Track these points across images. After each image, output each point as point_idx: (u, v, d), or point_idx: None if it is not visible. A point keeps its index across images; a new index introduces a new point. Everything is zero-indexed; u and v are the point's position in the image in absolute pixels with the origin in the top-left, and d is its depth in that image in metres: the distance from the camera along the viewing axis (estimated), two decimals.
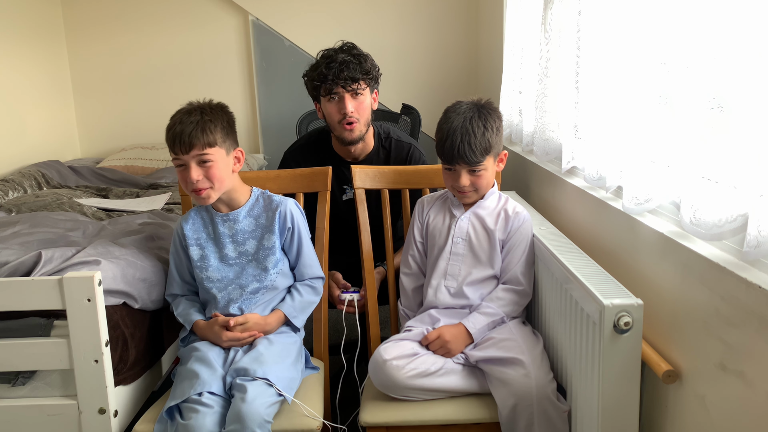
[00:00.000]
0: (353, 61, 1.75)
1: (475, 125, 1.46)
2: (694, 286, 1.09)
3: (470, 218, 1.55)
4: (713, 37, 1.03)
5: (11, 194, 2.54)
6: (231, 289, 1.51)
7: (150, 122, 3.56)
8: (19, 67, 3.06)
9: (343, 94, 1.78)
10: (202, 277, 1.53)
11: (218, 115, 1.46)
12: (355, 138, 1.83)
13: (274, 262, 1.53)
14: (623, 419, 1.16)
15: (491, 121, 1.48)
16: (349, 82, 1.76)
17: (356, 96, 1.79)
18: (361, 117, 1.81)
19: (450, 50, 3.48)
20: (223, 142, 1.45)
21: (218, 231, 1.53)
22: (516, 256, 1.53)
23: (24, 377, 1.41)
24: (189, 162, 1.42)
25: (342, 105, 1.78)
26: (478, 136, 1.45)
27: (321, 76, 1.76)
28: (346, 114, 1.78)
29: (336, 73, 1.74)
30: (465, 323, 1.46)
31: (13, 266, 1.43)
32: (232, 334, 1.45)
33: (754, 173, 0.92)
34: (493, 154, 1.50)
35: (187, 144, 1.40)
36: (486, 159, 1.48)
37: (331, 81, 1.75)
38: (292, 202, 1.59)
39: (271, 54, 3.47)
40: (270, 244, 1.53)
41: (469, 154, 1.45)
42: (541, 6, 1.91)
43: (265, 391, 1.31)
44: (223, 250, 1.53)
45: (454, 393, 1.41)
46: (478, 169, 1.48)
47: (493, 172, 1.53)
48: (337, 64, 1.74)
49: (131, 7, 3.48)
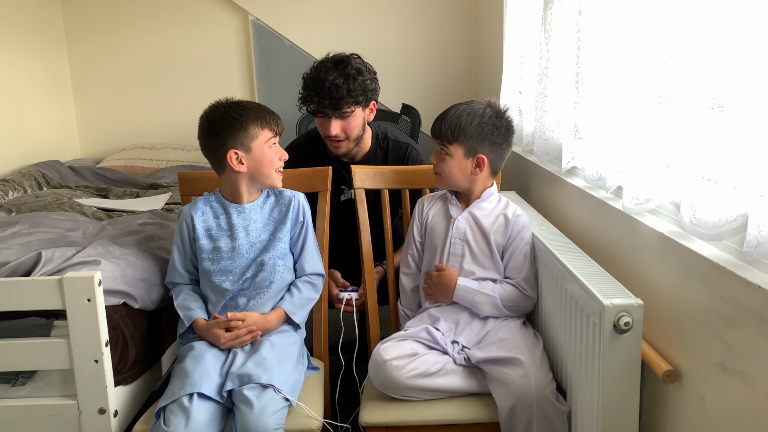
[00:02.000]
0: (342, 86, 1.71)
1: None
2: (694, 286, 1.09)
3: (467, 218, 1.55)
4: (713, 37, 1.03)
5: (11, 194, 2.54)
6: (242, 282, 1.50)
7: (150, 122, 3.56)
8: (19, 67, 3.06)
9: (329, 116, 1.76)
10: (213, 269, 1.50)
11: (232, 121, 1.51)
12: (341, 154, 1.85)
13: (283, 254, 1.53)
14: (623, 419, 1.16)
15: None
16: (332, 110, 1.74)
17: (344, 118, 1.77)
18: (350, 135, 1.80)
19: (450, 50, 3.48)
20: (232, 144, 1.50)
21: (232, 222, 1.52)
22: (518, 261, 1.53)
23: (24, 377, 1.41)
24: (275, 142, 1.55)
25: (327, 126, 1.77)
26: None
27: (308, 98, 1.75)
28: (329, 136, 1.79)
29: (321, 99, 1.72)
30: (459, 280, 1.52)
31: (13, 266, 1.43)
32: (230, 334, 1.44)
33: (754, 173, 0.92)
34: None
35: None
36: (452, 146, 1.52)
37: (317, 105, 1.74)
38: (303, 196, 1.60)
39: (271, 54, 3.47)
40: (282, 236, 1.54)
41: (441, 127, 1.53)
42: (541, 6, 1.91)
43: (272, 400, 1.30)
44: (236, 241, 1.51)
45: (454, 393, 1.41)
46: (446, 151, 1.53)
47: (465, 167, 1.54)
48: (326, 89, 1.71)
49: (131, 7, 3.48)
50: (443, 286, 1.52)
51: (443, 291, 1.52)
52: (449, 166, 1.52)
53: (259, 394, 1.30)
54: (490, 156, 1.51)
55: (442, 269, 1.53)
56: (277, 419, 1.29)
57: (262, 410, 1.27)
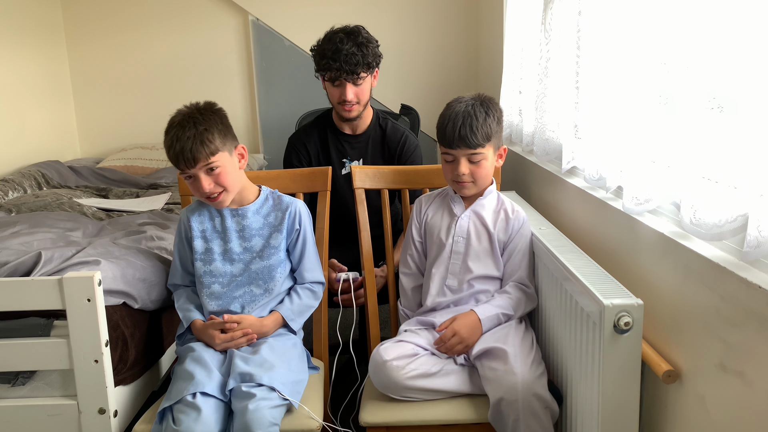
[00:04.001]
0: (356, 54, 1.85)
1: (477, 110, 1.47)
2: (695, 286, 1.09)
3: (470, 216, 1.55)
4: (713, 37, 1.03)
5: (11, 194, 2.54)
6: (233, 286, 1.50)
7: (150, 122, 3.56)
8: (19, 67, 3.06)
9: (345, 83, 1.89)
10: (205, 270, 1.51)
11: (211, 119, 1.44)
12: (352, 116, 1.97)
13: (278, 262, 1.53)
14: (623, 419, 1.16)
15: (493, 110, 1.50)
16: (351, 75, 1.87)
17: (357, 84, 1.90)
18: (361, 100, 1.94)
19: (450, 50, 3.48)
20: (223, 145, 1.44)
21: (226, 225, 1.52)
22: (519, 258, 1.53)
23: (24, 377, 1.41)
24: (197, 173, 1.42)
25: (343, 91, 1.90)
26: (480, 120, 1.46)
27: (326, 65, 1.87)
28: (346, 100, 1.90)
29: (340, 65, 1.85)
30: (476, 311, 1.46)
31: (13, 266, 1.43)
32: (225, 336, 1.44)
33: (755, 173, 0.92)
34: (494, 144, 1.51)
35: (191, 160, 1.40)
36: (486, 146, 1.48)
37: (336, 72, 1.86)
38: (302, 203, 1.59)
39: (271, 54, 3.47)
40: (276, 243, 1.53)
41: (470, 136, 1.45)
42: (541, 6, 1.91)
43: (269, 395, 1.30)
44: (229, 244, 1.52)
45: (454, 394, 1.40)
46: (477, 156, 1.48)
47: (492, 165, 1.53)
48: (342, 56, 1.84)
49: (131, 8, 3.48)
50: (469, 332, 1.43)
51: (472, 334, 1.43)
52: (486, 169, 1.51)
53: (261, 390, 1.30)
54: (502, 142, 1.56)
55: (447, 325, 1.45)
56: (274, 414, 1.29)
57: (259, 404, 1.27)
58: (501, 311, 1.47)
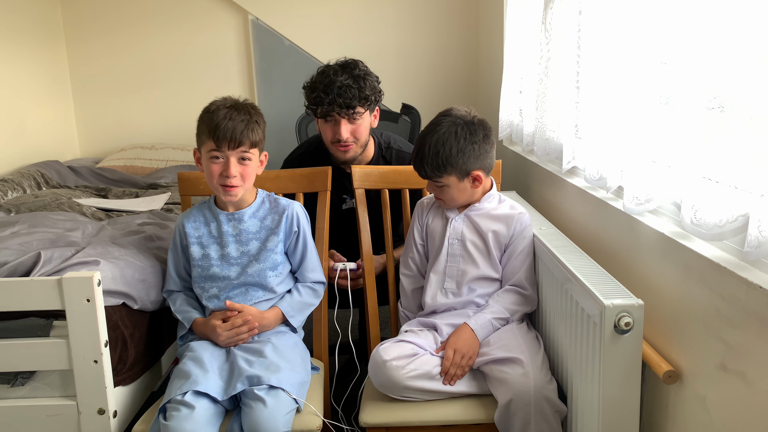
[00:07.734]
0: (352, 86, 1.71)
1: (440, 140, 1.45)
2: (695, 286, 1.09)
3: (464, 219, 1.55)
4: (713, 37, 1.03)
5: (10, 194, 2.54)
6: (231, 289, 1.50)
7: (150, 122, 3.55)
8: (18, 67, 3.06)
9: (339, 119, 1.74)
10: (203, 276, 1.52)
11: (260, 117, 1.49)
12: (348, 159, 1.83)
13: (275, 264, 1.53)
14: (623, 420, 1.16)
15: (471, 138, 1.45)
16: (345, 109, 1.72)
17: (353, 121, 1.76)
18: (359, 139, 1.79)
19: (450, 50, 3.48)
20: (261, 143, 1.49)
21: (222, 229, 1.52)
22: (519, 260, 1.53)
23: (23, 377, 1.41)
24: (230, 157, 1.43)
25: (337, 129, 1.75)
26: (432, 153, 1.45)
27: (318, 99, 1.73)
28: (340, 139, 1.77)
29: (333, 99, 1.70)
30: (468, 323, 1.46)
31: (13, 266, 1.43)
32: (227, 325, 1.44)
33: (755, 173, 0.92)
34: (457, 172, 1.46)
35: (236, 141, 1.41)
36: (444, 177, 1.47)
37: (328, 105, 1.72)
38: (299, 205, 1.59)
39: (271, 54, 3.47)
40: (273, 246, 1.53)
41: (425, 169, 1.47)
42: (541, 6, 1.91)
43: (282, 401, 1.30)
44: (226, 248, 1.52)
45: (454, 394, 1.40)
46: (439, 183, 1.49)
47: (464, 188, 1.50)
48: (336, 88, 1.70)
49: (131, 7, 3.48)
50: (467, 346, 1.42)
51: (471, 346, 1.42)
52: (449, 194, 1.51)
53: (272, 393, 1.30)
54: (482, 166, 1.49)
55: (444, 347, 1.44)
56: (287, 421, 1.30)
57: (274, 410, 1.28)
58: (493, 317, 1.47)
